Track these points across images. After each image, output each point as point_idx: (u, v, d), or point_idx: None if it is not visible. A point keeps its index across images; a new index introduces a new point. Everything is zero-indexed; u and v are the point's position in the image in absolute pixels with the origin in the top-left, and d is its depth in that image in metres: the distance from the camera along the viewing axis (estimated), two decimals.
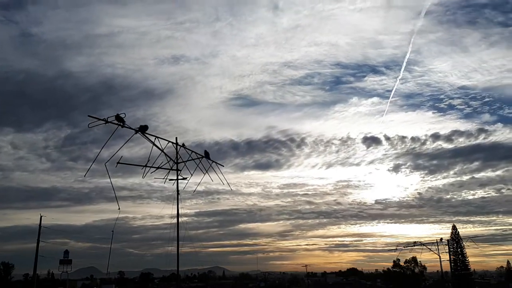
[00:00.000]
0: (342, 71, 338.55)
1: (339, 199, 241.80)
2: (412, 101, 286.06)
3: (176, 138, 15.84)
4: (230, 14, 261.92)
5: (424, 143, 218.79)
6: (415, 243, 53.47)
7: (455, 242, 70.83)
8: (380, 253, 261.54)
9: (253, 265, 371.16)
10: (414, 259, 79.69)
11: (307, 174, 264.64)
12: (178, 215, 15.51)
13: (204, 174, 16.40)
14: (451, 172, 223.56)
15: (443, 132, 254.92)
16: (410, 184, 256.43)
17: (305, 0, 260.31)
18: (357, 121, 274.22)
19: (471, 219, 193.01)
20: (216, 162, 16.74)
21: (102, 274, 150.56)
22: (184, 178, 16.13)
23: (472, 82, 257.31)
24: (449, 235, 69.49)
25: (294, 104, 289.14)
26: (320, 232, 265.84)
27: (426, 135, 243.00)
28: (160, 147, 14.79)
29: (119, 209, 14.63)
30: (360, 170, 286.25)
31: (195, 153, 16.23)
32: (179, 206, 15.69)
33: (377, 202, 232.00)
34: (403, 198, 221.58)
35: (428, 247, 50.64)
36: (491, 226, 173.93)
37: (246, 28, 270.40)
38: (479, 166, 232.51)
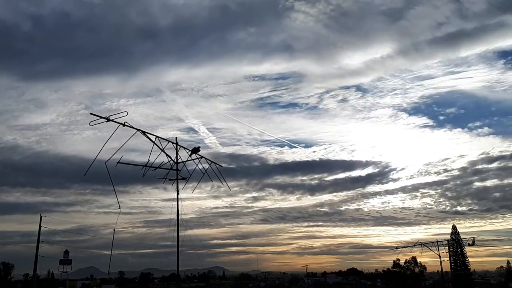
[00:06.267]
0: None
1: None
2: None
3: (176, 138, 15.87)
4: None
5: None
6: (415, 244, 53.50)
7: (455, 242, 70.94)
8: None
9: (253, 265, 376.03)
10: (414, 259, 79.78)
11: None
12: (178, 215, 15.52)
13: (204, 174, 16.40)
14: None
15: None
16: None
17: None
18: None
19: None
20: (214, 163, 16.74)
21: (102, 274, 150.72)
22: (184, 178, 16.13)
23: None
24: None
25: None
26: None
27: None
28: (160, 146, 14.82)
29: (119, 208, 14.70)
30: None
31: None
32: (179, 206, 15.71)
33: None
34: None
35: (430, 247, 50.63)
36: None
37: None
38: None
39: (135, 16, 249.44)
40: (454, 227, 73.74)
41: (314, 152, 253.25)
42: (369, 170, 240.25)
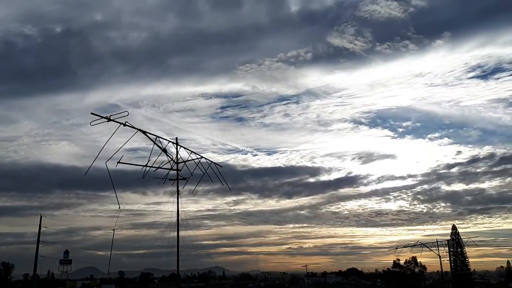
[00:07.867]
0: None
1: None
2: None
3: (176, 138, 15.88)
4: None
5: None
6: (415, 244, 53.47)
7: (455, 242, 70.88)
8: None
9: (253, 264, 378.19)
10: (414, 259, 79.78)
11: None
12: (178, 215, 15.52)
13: (204, 174, 16.40)
14: None
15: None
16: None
17: None
18: None
19: None
20: (214, 163, 16.75)
21: (102, 274, 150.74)
22: (184, 178, 16.13)
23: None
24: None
25: None
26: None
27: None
28: (161, 146, 14.82)
29: (119, 208, 14.70)
30: None
31: (195, 153, 16.25)
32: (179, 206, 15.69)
33: None
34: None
35: (430, 248, 50.60)
36: None
37: None
38: None
39: (75, 45, 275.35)
40: (454, 227, 73.61)
41: (277, 159, 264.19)
42: (335, 175, 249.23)
